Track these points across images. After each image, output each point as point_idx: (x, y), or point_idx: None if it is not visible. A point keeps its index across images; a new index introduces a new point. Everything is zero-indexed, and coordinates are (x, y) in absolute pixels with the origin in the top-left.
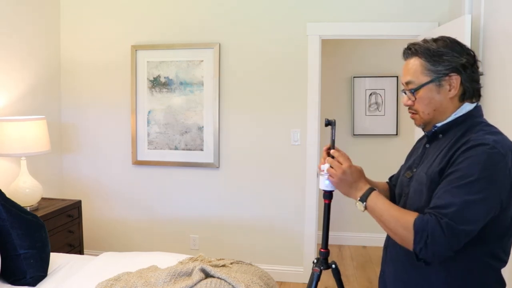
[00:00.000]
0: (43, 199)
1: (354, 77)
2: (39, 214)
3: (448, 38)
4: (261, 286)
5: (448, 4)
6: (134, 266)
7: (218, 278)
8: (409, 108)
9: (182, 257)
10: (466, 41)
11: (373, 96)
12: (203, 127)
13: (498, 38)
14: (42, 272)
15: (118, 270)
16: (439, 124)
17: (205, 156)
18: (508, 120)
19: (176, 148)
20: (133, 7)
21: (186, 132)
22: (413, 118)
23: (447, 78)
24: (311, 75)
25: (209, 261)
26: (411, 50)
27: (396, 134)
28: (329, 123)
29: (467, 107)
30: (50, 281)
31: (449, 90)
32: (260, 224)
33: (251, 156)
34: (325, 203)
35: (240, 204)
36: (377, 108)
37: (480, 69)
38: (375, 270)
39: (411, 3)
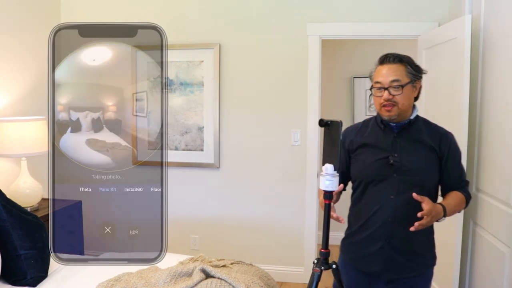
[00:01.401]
0: (43, 199)
1: (354, 77)
2: (39, 214)
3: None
4: (262, 286)
5: (448, 4)
6: (135, 267)
7: (218, 278)
8: (386, 101)
9: (183, 257)
10: (466, 41)
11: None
12: (203, 127)
13: (498, 38)
14: (42, 273)
15: (118, 271)
16: (412, 117)
17: (206, 156)
18: (506, 119)
19: (176, 149)
20: (133, 7)
21: (186, 132)
22: (389, 110)
23: (416, 82)
24: (311, 75)
25: (210, 262)
26: (398, 58)
27: None
28: (325, 124)
29: (416, 106)
30: (51, 281)
31: (414, 91)
32: (261, 224)
33: (251, 156)
34: (325, 203)
35: (241, 204)
36: None
37: (479, 69)
38: None
39: (411, 3)
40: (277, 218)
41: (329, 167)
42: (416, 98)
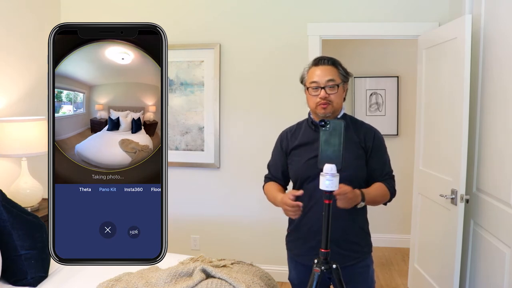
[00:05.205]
0: (43, 199)
1: (354, 77)
2: (39, 214)
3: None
4: (262, 286)
5: (448, 4)
6: (135, 267)
7: (219, 278)
8: (323, 100)
9: (183, 257)
10: (467, 41)
11: (374, 96)
12: (203, 127)
13: (498, 38)
14: (43, 273)
15: (118, 271)
16: (339, 115)
17: (206, 156)
18: (506, 119)
19: (176, 149)
20: (133, 8)
21: (186, 132)
22: (324, 108)
23: (345, 83)
24: None
25: (210, 262)
26: (331, 61)
27: (397, 134)
28: (325, 123)
29: (343, 106)
30: (51, 281)
31: (344, 92)
32: (261, 224)
33: (251, 156)
34: (325, 203)
35: (241, 204)
36: (378, 108)
37: (479, 69)
38: (375, 269)
39: (411, 3)
40: (277, 218)
41: (330, 167)
42: (344, 99)
